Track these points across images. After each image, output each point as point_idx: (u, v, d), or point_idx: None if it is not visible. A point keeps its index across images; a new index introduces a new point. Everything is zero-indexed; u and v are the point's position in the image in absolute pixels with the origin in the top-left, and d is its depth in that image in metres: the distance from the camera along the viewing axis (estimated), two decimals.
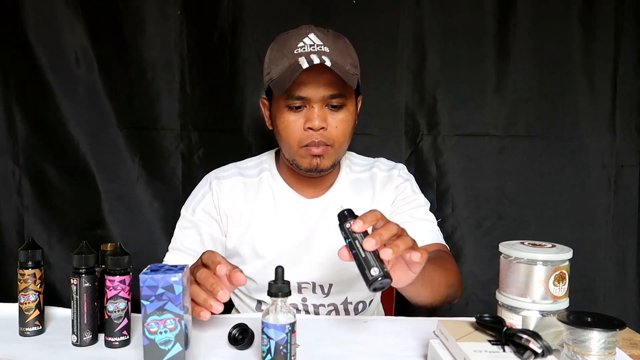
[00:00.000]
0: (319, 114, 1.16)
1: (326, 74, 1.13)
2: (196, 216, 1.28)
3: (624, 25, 1.67)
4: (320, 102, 1.16)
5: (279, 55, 1.18)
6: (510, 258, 0.92)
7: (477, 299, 1.71)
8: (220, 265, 0.93)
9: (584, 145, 1.71)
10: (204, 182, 1.33)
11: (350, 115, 1.20)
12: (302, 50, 1.14)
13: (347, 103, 1.19)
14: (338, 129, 1.18)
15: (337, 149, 1.20)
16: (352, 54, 1.22)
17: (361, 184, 1.33)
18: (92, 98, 1.67)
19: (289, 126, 1.18)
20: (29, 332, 0.99)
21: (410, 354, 0.93)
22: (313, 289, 1.28)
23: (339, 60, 1.15)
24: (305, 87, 1.14)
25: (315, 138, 1.16)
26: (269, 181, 1.31)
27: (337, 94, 1.16)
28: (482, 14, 1.68)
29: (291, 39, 1.17)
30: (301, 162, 1.20)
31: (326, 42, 1.16)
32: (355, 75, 1.19)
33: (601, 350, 0.74)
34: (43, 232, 1.68)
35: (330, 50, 1.15)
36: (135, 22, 1.67)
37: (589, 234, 1.71)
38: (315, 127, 1.15)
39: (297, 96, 1.15)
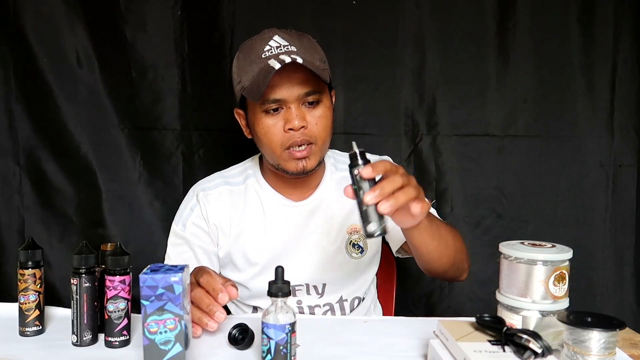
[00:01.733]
0: (297, 113, 1.15)
1: (298, 73, 1.13)
2: (187, 231, 1.28)
3: (623, 26, 1.67)
4: (297, 101, 1.15)
5: (247, 63, 1.17)
6: (510, 258, 0.92)
7: (476, 298, 1.71)
8: (222, 295, 0.95)
9: (583, 145, 1.71)
10: (191, 195, 1.32)
11: (327, 110, 1.20)
12: (270, 53, 1.14)
13: (323, 98, 1.19)
14: (318, 126, 1.18)
15: (321, 146, 1.20)
16: (319, 49, 1.21)
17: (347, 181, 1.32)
18: (93, 98, 1.67)
19: (269, 131, 1.17)
20: (29, 332, 0.99)
21: (410, 354, 0.93)
22: (307, 290, 1.28)
23: (307, 57, 1.14)
24: (279, 89, 1.13)
25: (298, 138, 1.16)
26: (255, 187, 1.30)
27: (312, 91, 1.16)
28: (482, 14, 1.67)
29: (256, 44, 1.17)
30: (286, 166, 1.19)
31: (292, 42, 1.16)
32: (325, 69, 1.19)
33: (601, 350, 0.74)
34: (43, 232, 1.68)
35: (298, 49, 1.15)
36: (136, 22, 1.67)
37: (587, 233, 1.71)
38: (296, 127, 1.15)
39: (273, 99, 1.14)
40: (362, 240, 1.29)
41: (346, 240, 1.28)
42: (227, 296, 0.95)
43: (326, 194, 1.30)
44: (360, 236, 1.29)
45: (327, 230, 1.28)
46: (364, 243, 1.30)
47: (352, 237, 1.29)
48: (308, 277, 1.27)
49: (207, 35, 1.68)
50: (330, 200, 1.30)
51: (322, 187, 1.31)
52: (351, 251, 1.29)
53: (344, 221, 1.29)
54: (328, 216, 1.29)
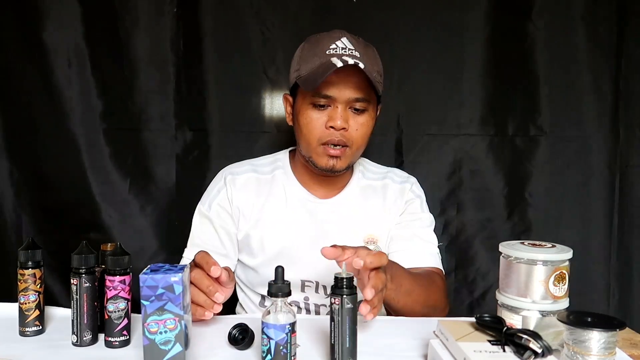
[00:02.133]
0: (342, 114, 1.19)
1: (354, 77, 1.17)
2: (212, 211, 1.32)
3: (627, 25, 1.67)
4: (345, 103, 1.19)
5: (310, 54, 1.21)
6: (510, 258, 0.92)
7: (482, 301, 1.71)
8: (215, 267, 0.95)
9: (588, 145, 1.71)
10: (219, 177, 1.36)
11: (370, 120, 1.24)
12: (335, 52, 1.18)
13: (370, 108, 1.23)
14: (358, 132, 1.22)
15: (355, 151, 1.24)
16: (379, 63, 1.25)
17: (372, 191, 1.36)
18: (86, 98, 1.65)
19: (312, 122, 1.21)
20: (29, 332, 0.99)
21: (410, 354, 0.93)
22: (316, 289, 1.29)
23: (367, 67, 1.17)
24: (333, 87, 1.18)
25: (336, 137, 1.20)
26: (281, 179, 1.34)
27: (362, 98, 1.20)
28: (484, 13, 1.67)
29: (324, 40, 1.21)
30: (318, 160, 1.24)
31: (357, 48, 1.20)
32: (380, 83, 1.23)
33: (601, 350, 0.74)
34: (41, 233, 1.67)
35: (361, 56, 1.19)
36: (131, 20, 1.65)
37: (593, 233, 1.71)
38: (337, 127, 1.19)
39: (324, 95, 1.19)
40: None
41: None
42: (219, 270, 0.95)
43: (350, 198, 1.34)
44: (376, 247, 1.30)
45: (345, 234, 1.29)
46: None
47: (369, 247, 1.29)
48: (319, 275, 1.28)
49: (203, 33, 1.67)
50: (353, 205, 1.33)
51: (347, 190, 1.34)
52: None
53: (362, 229, 1.32)
54: (348, 220, 1.31)
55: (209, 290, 0.96)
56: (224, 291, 0.99)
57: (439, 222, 1.59)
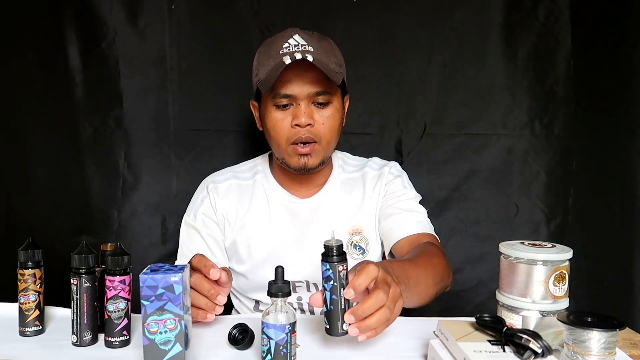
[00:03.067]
0: (305, 110, 1.19)
1: (311, 72, 1.18)
2: (197, 221, 1.33)
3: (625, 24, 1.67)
4: (307, 99, 1.20)
5: (265, 57, 1.22)
6: (510, 258, 0.92)
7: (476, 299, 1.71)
8: (214, 270, 0.95)
9: (588, 145, 1.71)
10: (202, 187, 1.37)
11: (336, 112, 1.24)
12: (287, 50, 1.18)
13: (333, 100, 1.23)
14: (325, 126, 1.22)
15: (325, 146, 1.24)
16: (337, 53, 1.25)
17: (352, 183, 1.36)
18: (81, 98, 1.63)
19: (277, 124, 1.22)
20: (29, 332, 0.99)
21: (410, 354, 0.93)
22: (307, 287, 1.30)
23: (322, 59, 1.18)
24: (290, 85, 1.18)
25: (303, 134, 1.20)
26: (262, 183, 1.35)
27: (323, 91, 1.20)
28: (483, 13, 1.67)
29: (277, 41, 1.22)
30: (290, 160, 1.24)
31: (310, 42, 1.20)
32: (339, 73, 1.22)
33: (601, 350, 0.74)
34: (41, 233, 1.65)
35: (315, 50, 1.19)
36: (126, 16, 1.62)
37: (594, 234, 1.71)
38: (302, 124, 1.19)
39: (284, 94, 1.19)
40: (363, 242, 1.31)
41: (347, 241, 1.30)
42: (218, 272, 0.95)
43: (331, 193, 1.34)
44: (362, 237, 1.31)
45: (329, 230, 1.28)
46: (365, 245, 1.31)
47: (354, 238, 1.31)
48: (308, 274, 1.28)
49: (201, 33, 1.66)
50: (334, 200, 1.33)
51: (327, 186, 1.34)
52: (352, 252, 1.30)
53: (346, 222, 1.32)
54: (330, 216, 1.31)
55: (210, 294, 0.96)
56: (224, 292, 0.99)
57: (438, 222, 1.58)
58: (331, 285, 0.86)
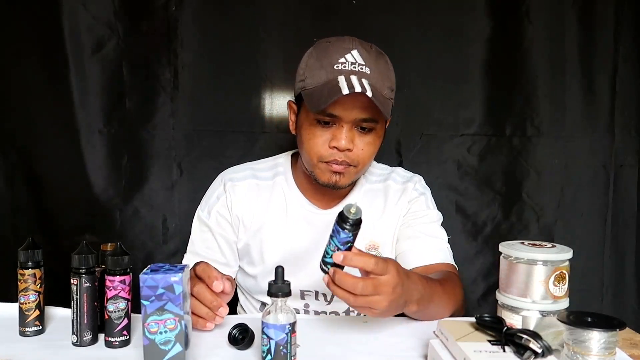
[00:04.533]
0: (347, 134, 1.13)
1: (363, 97, 1.09)
2: (211, 219, 1.28)
3: (623, 26, 1.67)
4: (351, 123, 1.13)
5: (317, 65, 1.14)
6: (510, 258, 0.92)
7: (477, 300, 1.71)
8: (217, 282, 0.95)
9: (584, 145, 1.72)
10: (218, 182, 1.32)
11: (378, 139, 1.18)
12: (343, 67, 1.11)
13: (377, 127, 1.17)
14: (364, 152, 1.16)
15: (359, 170, 1.19)
16: (391, 76, 1.19)
17: (374, 194, 1.32)
18: (84, 98, 1.63)
19: (314, 140, 1.15)
20: (29, 332, 0.99)
21: (410, 354, 0.93)
22: (316, 297, 1.28)
23: (378, 85, 1.12)
24: (339, 107, 1.11)
25: (339, 157, 1.14)
26: (282, 186, 1.29)
27: (370, 119, 1.13)
28: (483, 13, 1.67)
29: (333, 50, 1.14)
30: (320, 176, 1.18)
31: (368, 62, 1.13)
32: (390, 99, 1.17)
33: (601, 350, 0.74)
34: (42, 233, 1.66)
35: (371, 72, 1.12)
36: (130, 19, 1.63)
37: (588, 233, 1.72)
38: (341, 148, 1.13)
39: (330, 113, 1.12)
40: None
41: None
42: (222, 285, 0.95)
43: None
44: (377, 253, 1.27)
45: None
46: None
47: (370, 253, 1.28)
48: (318, 285, 1.25)
49: (202, 33, 1.66)
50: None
51: (349, 199, 1.29)
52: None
53: (363, 236, 1.25)
54: None
55: (212, 305, 0.96)
56: (226, 300, 0.99)
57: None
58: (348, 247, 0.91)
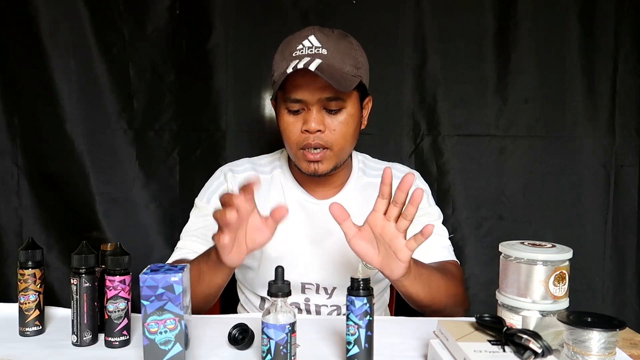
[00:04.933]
0: (315, 116, 1.15)
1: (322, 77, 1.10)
2: (211, 205, 1.28)
3: (623, 26, 1.68)
4: (317, 104, 1.15)
5: (280, 58, 1.18)
6: (510, 258, 0.92)
7: (477, 300, 1.71)
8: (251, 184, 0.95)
9: (584, 145, 1.72)
10: (218, 174, 1.33)
11: (350, 118, 1.18)
12: (300, 53, 1.14)
13: (347, 105, 1.17)
14: (336, 132, 1.17)
15: (337, 152, 1.19)
16: (355, 54, 1.19)
17: (373, 188, 1.29)
18: (89, 98, 1.66)
19: (288, 128, 1.18)
20: (29, 332, 0.99)
21: (410, 354, 0.93)
22: (317, 290, 1.28)
23: (335, 63, 1.13)
24: (301, 90, 1.14)
25: (312, 140, 1.16)
26: (280, 179, 1.31)
27: (334, 97, 1.15)
28: (482, 13, 1.68)
29: (293, 41, 1.17)
30: (300, 165, 1.21)
31: (325, 44, 1.15)
32: (356, 77, 1.17)
33: (601, 350, 0.74)
34: (42, 233, 1.67)
35: (329, 52, 1.14)
36: (135, 22, 1.66)
37: (588, 233, 1.72)
38: (311, 130, 1.15)
39: (294, 99, 1.15)
40: None
41: None
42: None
43: (349, 197, 1.29)
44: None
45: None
46: None
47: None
48: (319, 277, 1.27)
49: (204, 34, 1.68)
50: (353, 205, 1.26)
51: (346, 189, 1.30)
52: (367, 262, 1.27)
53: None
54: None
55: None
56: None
57: None
58: (367, 321, 0.84)
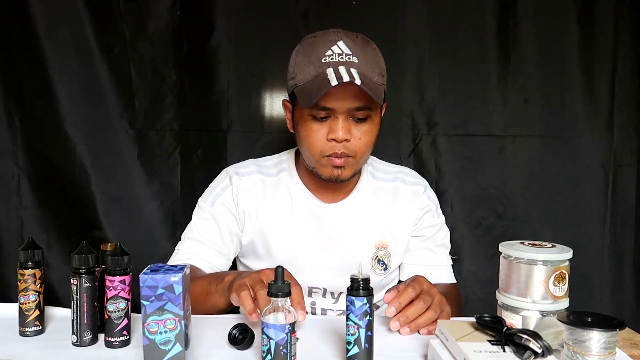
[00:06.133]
0: (343, 125, 1.13)
1: (353, 87, 1.09)
2: (215, 209, 1.27)
3: (622, 26, 1.68)
4: (345, 113, 1.13)
5: (305, 62, 1.14)
6: (510, 258, 0.92)
7: (476, 298, 1.71)
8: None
9: (583, 145, 1.72)
10: (224, 175, 1.31)
11: (374, 127, 1.18)
12: (330, 60, 1.11)
13: (372, 115, 1.17)
14: (361, 141, 1.16)
15: (359, 160, 1.19)
16: (380, 62, 1.18)
17: (383, 194, 1.32)
18: (91, 98, 1.66)
19: (312, 135, 1.16)
20: (29, 332, 0.99)
21: (410, 354, 0.93)
22: (323, 294, 1.28)
23: (367, 72, 1.12)
24: (331, 99, 1.11)
25: (338, 149, 1.14)
26: (287, 182, 1.29)
27: (363, 107, 1.13)
28: (482, 14, 1.68)
29: (318, 44, 1.14)
30: (322, 171, 1.19)
31: (355, 51, 1.13)
32: (382, 85, 1.17)
33: (601, 350, 0.74)
34: (42, 232, 1.67)
35: (359, 61, 1.12)
36: (136, 22, 1.67)
37: (587, 233, 1.72)
38: (339, 139, 1.13)
39: (323, 107, 1.12)
40: (387, 258, 1.28)
41: (372, 255, 1.27)
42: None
43: (358, 202, 1.29)
44: (386, 253, 1.28)
45: (355, 239, 1.26)
46: (388, 261, 1.28)
47: (379, 252, 1.28)
48: (326, 282, 1.26)
49: (206, 35, 1.68)
50: (362, 209, 1.28)
51: (355, 193, 1.29)
52: (375, 267, 1.27)
53: (373, 234, 1.28)
54: (356, 225, 1.27)
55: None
56: None
57: None
58: (367, 321, 0.84)
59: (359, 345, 0.85)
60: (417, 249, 1.32)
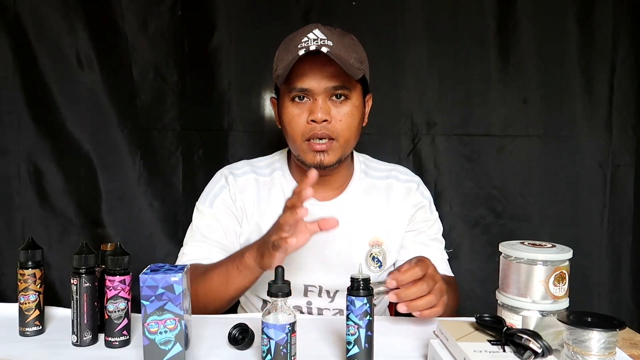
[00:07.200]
0: (322, 106, 1.15)
1: (328, 66, 1.12)
2: (215, 209, 1.27)
3: (621, 27, 1.68)
4: (324, 94, 1.15)
5: (284, 52, 1.18)
6: (510, 258, 0.92)
7: (474, 296, 1.72)
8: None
9: (581, 145, 1.73)
10: (219, 177, 1.32)
11: (355, 110, 1.19)
12: (305, 44, 1.14)
13: (352, 96, 1.18)
14: (342, 122, 1.17)
15: (343, 144, 1.19)
16: (358, 50, 1.20)
17: (376, 191, 1.32)
18: (93, 98, 1.67)
19: (293, 119, 1.17)
20: (29, 332, 0.99)
21: (410, 354, 0.93)
22: (319, 293, 1.28)
23: (341, 54, 1.13)
24: (307, 79, 1.14)
25: (319, 130, 1.15)
26: (280, 181, 1.30)
27: (340, 86, 1.15)
28: (481, 14, 1.68)
29: (296, 36, 1.17)
30: (305, 157, 1.19)
31: (330, 37, 1.15)
32: (359, 69, 1.17)
33: (601, 350, 0.74)
34: (43, 232, 1.67)
35: (334, 44, 1.14)
36: (137, 22, 1.67)
37: (585, 232, 1.73)
38: (318, 119, 1.14)
39: (300, 88, 1.15)
40: (381, 255, 1.28)
41: (367, 252, 1.28)
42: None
43: (352, 199, 1.29)
44: (381, 250, 1.28)
45: (349, 237, 1.26)
46: (382, 258, 1.28)
47: (373, 249, 1.28)
48: (322, 280, 1.26)
49: (207, 35, 1.69)
50: (355, 206, 1.28)
51: (348, 190, 1.30)
52: (370, 264, 1.27)
53: (367, 231, 1.28)
54: (350, 222, 1.26)
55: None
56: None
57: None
58: (367, 321, 0.85)
59: (359, 345, 0.85)
60: (411, 244, 1.31)
